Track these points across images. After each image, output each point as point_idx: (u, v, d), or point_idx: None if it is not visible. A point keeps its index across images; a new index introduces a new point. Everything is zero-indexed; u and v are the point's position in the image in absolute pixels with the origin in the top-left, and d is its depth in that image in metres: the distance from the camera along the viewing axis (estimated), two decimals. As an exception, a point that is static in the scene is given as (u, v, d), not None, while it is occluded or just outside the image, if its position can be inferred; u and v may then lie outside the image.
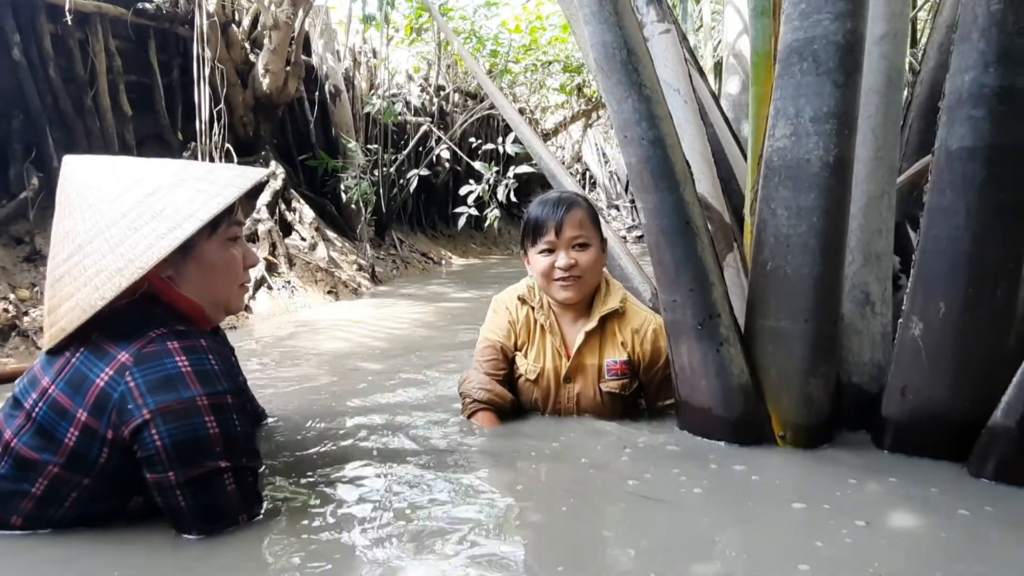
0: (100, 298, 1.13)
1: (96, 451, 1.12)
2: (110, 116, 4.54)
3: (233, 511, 1.16)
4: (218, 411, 1.13)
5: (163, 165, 1.26)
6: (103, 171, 1.23)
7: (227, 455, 1.13)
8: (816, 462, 1.51)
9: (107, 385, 1.11)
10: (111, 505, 1.18)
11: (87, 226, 1.18)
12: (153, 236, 1.15)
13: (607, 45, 1.52)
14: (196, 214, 1.17)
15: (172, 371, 1.11)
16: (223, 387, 1.15)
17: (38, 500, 1.14)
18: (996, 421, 1.37)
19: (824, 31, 1.40)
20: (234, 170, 1.28)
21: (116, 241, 1.15)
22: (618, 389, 1.76)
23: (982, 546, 1.14)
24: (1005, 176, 1.27)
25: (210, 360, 1.15)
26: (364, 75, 7.06)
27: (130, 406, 1.10)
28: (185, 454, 1.10)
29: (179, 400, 1.10)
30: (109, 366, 1.13)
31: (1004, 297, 1.36)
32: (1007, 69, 1.21)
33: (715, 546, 1.15)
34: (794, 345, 1.55)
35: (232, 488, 1.15)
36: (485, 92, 7.79)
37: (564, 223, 1.71)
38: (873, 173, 1.68)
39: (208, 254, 1.26)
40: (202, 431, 1.11)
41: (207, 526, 1.14)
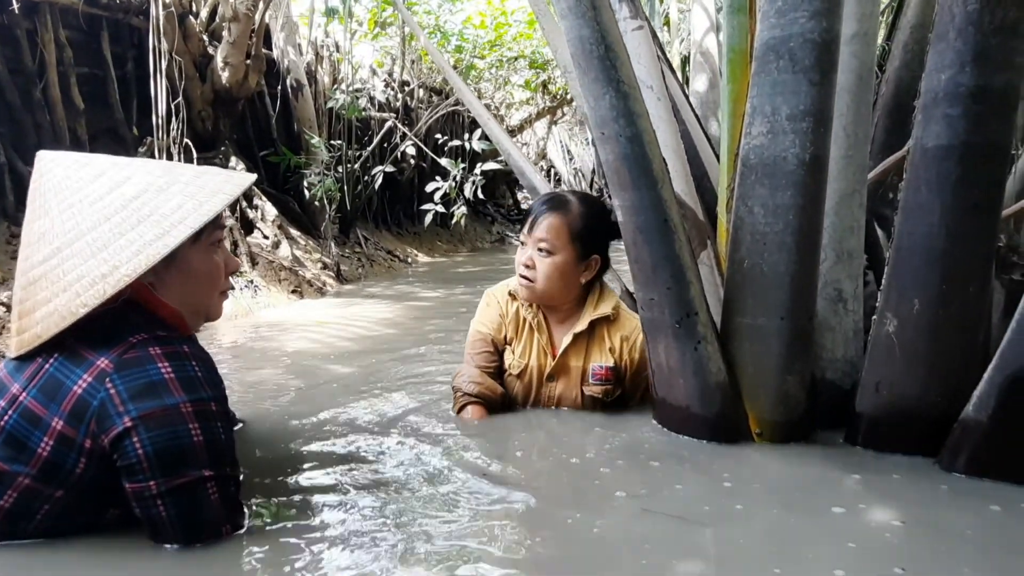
0: (82, 305, 1.08)
1: (72, 461, 1.07)
2: (61, 109, 4.36)
3: (216, 521, 1.11)
4: (202, 418, 1.09)
5: (147, 167, 1.21)
6: (83, 170, 1.17)
7: (211, 464, 1.09)
8: (791, 458, 1.51)
9: (85, 392, 1.07)
10: (85, 519, 1.12)
11: (66, 228, 1.12)
12: (140, 242, 1.10)
13: (584, 40, 1.50)
14: (185, 221, 1.13)
15: (155, 377, 1.07)
16: (207, 394, 1.11)
17: (7, 513, 1.08)
18: (968, 415, 1.40)
19: (801, 29, 1.40)
20: (222, 175, 1.24)
21: (99, 246, 1.10)
22: (600, 394, 1.76)
23: (952, 539, 1.16)
24: (979, 174, 1.29)
25: (193, 366, 1.11)
26: (327, 69, 6.92)
27: (111, 413, 1.05)
28: (168, 462, 1.06)
29: (163, 407, 1.06)
30: (87, 372, 1.08)
31: (976, 293, 1.38)
32: (983, 68, 1.22)
33: (692, 544, 1.14)
34: (771, 342, 1.55)
35: (215, 498, 1.10)
36: (451, 88, 7.72)
37: (538, 222, 1.71)
38: (844, 171, 1.69)
39: (192, 261, 1.22)
40: (186, 439, 1.07)
41: (189, 537, 1.09)
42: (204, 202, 1.15)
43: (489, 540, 1.16)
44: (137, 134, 4.91)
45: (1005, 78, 1.23)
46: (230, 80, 5.18)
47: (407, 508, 1.27)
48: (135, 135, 4.91)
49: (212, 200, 1.17)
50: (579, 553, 1.12)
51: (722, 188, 1.95)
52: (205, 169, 1.26)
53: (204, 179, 1.20)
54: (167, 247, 1.10)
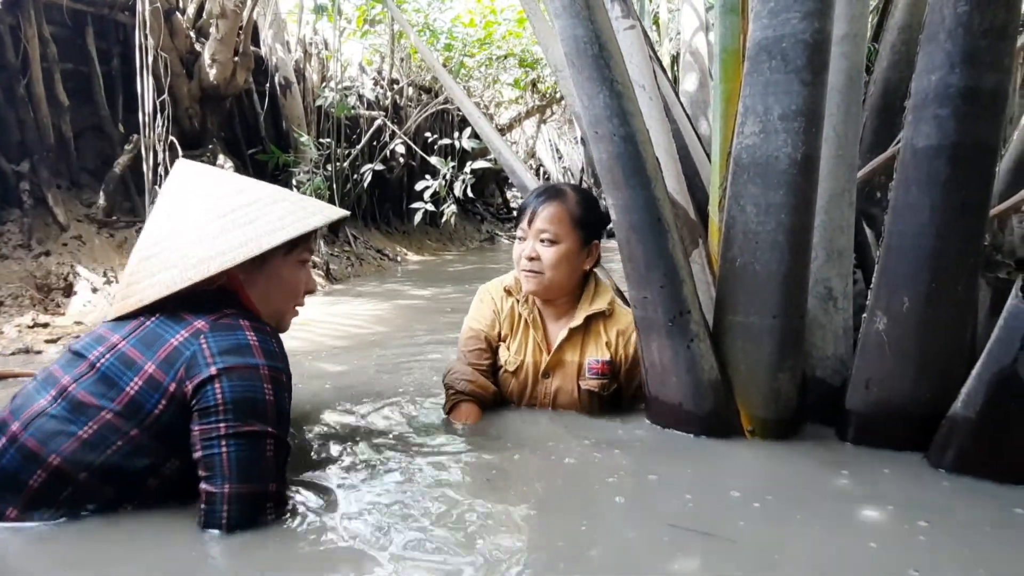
0: (186, 279, 1.24)
1: (154, 402, 1.18)
2: (45, 106, 4.30)
3: (267, 475, 1.19)
4: (276, 384, 1.22)
5: (260, 186, 1.40)
6: (210, 178, 1.39)
7: (275, 424, 1.21)
8: (790, 456, 1.53)
9: (180, 344, 1.21)
10: (149, 462, 1.20)
11: (184, 219, 1.30)
12: (244, 238, 1.27)
13: (578, 39, 1.51)
14: (285, 229, 1.29)
15: (242, 341, 1.21)
16: (282, 366, 1.25)
17: (82, 443, 1.17)
18: (956, 412, 1.41)
19: (793, 29, 1.41)
20: (321, 204, 1.42)
21: (210, 236, 1.27)
22: (597, 388, 1.76)
23: (972, 539, 1.17)
24: (968, 174, 1.31)
25: (273, 343, 1.26)
26: (315, 67, 6.88)
27: (200, 363, 1.18)
28: (242, 410, 1.18)
29: (245, 364, 1.19)
30: (185, 329, 1.22)
31: (964, 291, 1.40)
32: (972, 70, 1.24)
33: (688, 542, 1.15)
34: (763, 340, 1.56)
35: (271, 455, 1.20)
36: (440, 86, 7.71)
37: (537, 214, 1.70)
38: (835, 171, 1.71)
39: (280, 269, 1.38)
40: (260, 394, 1.19)
41: (240, 481, 1.16)
42: (304, 218, 1.33)
43: (490, 543, 1.15)
44: (123, 131, 4.86)
45: (994, 79, 1.25)
46: (218, 77, 5.13)
47: (406, 516, 1.25)
48: (121, 132, 4.86)
49: (312, 218, 1.34)
50: (597, 565, 1.10)
51: (714, 187, 1.96)
52: (307, 197, 1.45)
53: (307, 202, 1.39)
54: (269, 244, 1.26)
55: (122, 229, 4.57)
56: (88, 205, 4.59)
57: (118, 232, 4.54)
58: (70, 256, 4.06)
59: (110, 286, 3.89)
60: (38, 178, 4.26)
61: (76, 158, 4.66)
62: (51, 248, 4.05)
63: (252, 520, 1.16)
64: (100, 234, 4.42)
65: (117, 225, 4.57)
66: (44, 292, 3.71)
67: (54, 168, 4.43)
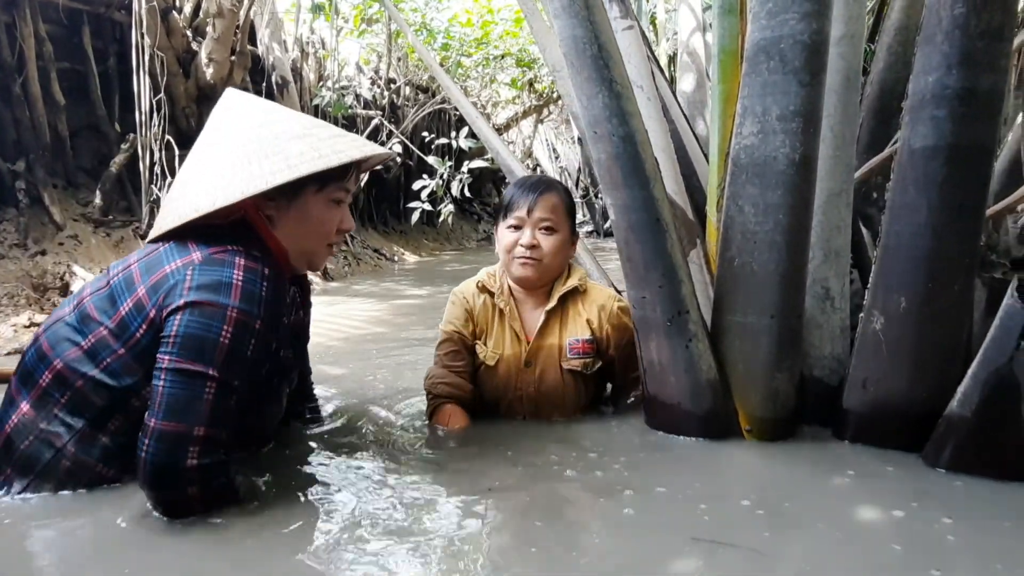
0: (194, 210, 1.25)
1: (136, 325, 1.22)
2: (41, 105, 4.30)
3: (196, 417, 1.15)
4: (239, 328, 1.19)
5: (297, 118, 1.39)
6: (247, 108, 1.39)
7: (222, 368, 1.17)
8: (788, 459, 1.53)
9: (171, 272, 1.22)
10: (131, 382, 1.24)
11: (214, 149, 1.32)
12: (259, 172, 1.26)
13: (577, 40, 1.51)
14: (304, 164, 1.26)
15: (225, 278, 1.20)
16: (258, 311, 1.21)
17: (82, 353, 1.24)
18: (952, 411, 1.42)
19: (791, 30, 1.42)
20: (358, 141, 1.39)
21: (227, 167, 1.27)
22: (580, 367, 1.74)
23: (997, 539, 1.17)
24: (965, 175, 1.32)
25: (263, 285, 1.22)
26: (312, 66, 6.87)
27: (177, 292, 1.19)
28: (188, 346, 1.16)
29: (214, 302, 1.18)
30: (182, 259, 1.24)
31: (961, 291, 1.41)
32: (969, 71, 1.25)
33: (715, 555, 1.13)
34: (760, 340, 1.57)
35: (209, 397, 1.17)
36: (437, 86, 7.71)
37: (537, 203, 1.71)
38: (832, 171, 1.71)
39: (310, 207, 1.35)
40: (214, 334, 1.17)
41: (165, 418, 1.15)
42: (329, 154, 1.29)
43: (486, 555, 1.16)
44: (120, 130, 4.86)
45: (990, 80, 1.26)
46: (214, 76, 5.13)
47: (410, 529, 1.25)
48: (117, 131, 4.85)
49: (336, 155, 1.29)
50: (574, 560, 1.10)
51: (711, 187, 1.96)
52: (344, 132, 1.40)
53: (339, 138, 1.35)
54: (274, 183, 1.24)
55: (118, 228, 4.57)
56: (84, 204, 4.58)
57: (114, 231, 4.53)
58: (66, 255, 4.05)
59: (107, 286, 3.89)
60: (34, 177, 4.25)
61: (72, 157, 4.65)
62: (47, 247, 4.05)
63: (171, 459, 1.13)
64: (96, 233, 4.41)
65: (113, 224, 4.56)
66: (40, 292, 3.70)
67: (50, 167, 4.42)
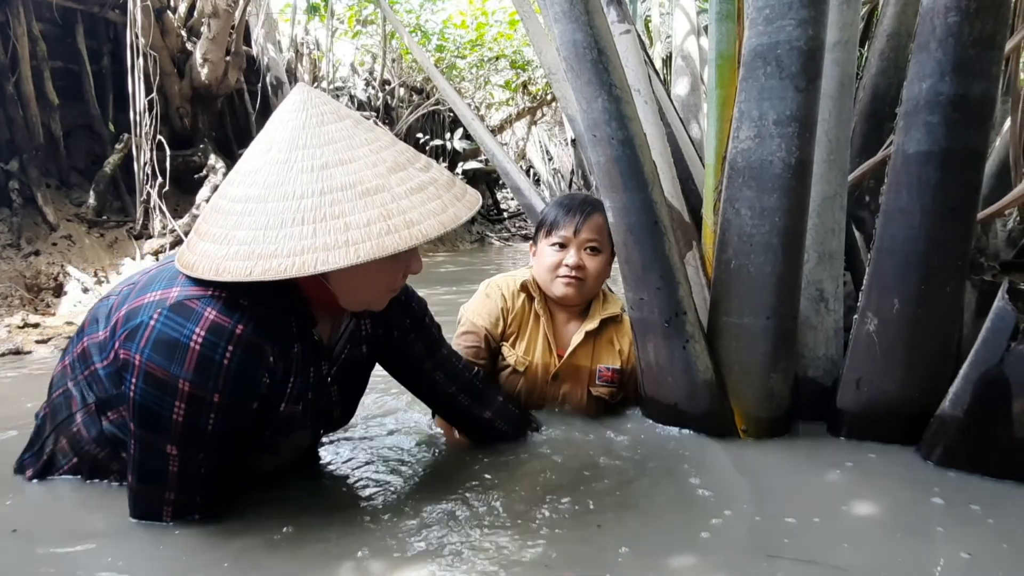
0: (226, 272, 1.07)
1: (108, 351, 1.18)
2: (34, 104, 4.28)
3: (165, 484, 1.14)
4: (195, 403, 1.09)
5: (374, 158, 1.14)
6: (320, 128, 1.14)
7: (181, 443, 1.11)
8: (779, 453, 1.56)
9: (144, 306, 1.12)
10: (113, 394, 1.20)
11: (269, 180, 1.11)
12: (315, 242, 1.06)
13: (577, 44, 1.53)
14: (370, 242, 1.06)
15: (184, 340, 1.07)
16: (215, 384, 1.08)
17: (98, 343, 1.21)
18: (944, 411, 1.45)
19: (788, 36, 1.44)
20: (438, 193, 1.16)
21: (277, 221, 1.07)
22: (607, 396, 1.77)
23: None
24: (957, 179, 1.34)
25: (227, 352, 1.08)
26: (307, 67, 6.87)
27: (135, 340, 1.10)
28: (144, 419, 1.11)
29: (165, 372, 1.08)
30: (163, 292, 1.12)
31: (952, 294, 1.44)
32: (962, 78, 1.28)
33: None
34: (756, 341, 1.59)
35: (174, 470, 1.13)
36: (431, 87, 7.71)
37: (585, 223, 1.70)
38: (826, 175, 1.74)
39: (369, 264, 1.12)
40: (166, 411, 1.09)
41: (137, 480, 1.15)
42: (400, 229, 1.08)
43: (500, 553, 1.17)
44: (113, 130, 4.84)
45: (982, 87, 1.28)
46: (209, 77, 5.12)
47: (397, 518, 1.26)
48: (111, 131, 4.84)
49: (408, 229, 1.08)
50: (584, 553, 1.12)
51: (708, 190, 1.99)
52: (428, 180, 1.16)
53: (415, 199, 1.12)
54: (327, 266, 1.04)
55: (112, 229, 4.55)
56: (78, 204, 4.56)
57: (108, 232, 4.51)
58: (60, 256, 4.03)
59: (101, 286, 3.87)
60: (27, 177, 4.23)
61: (66, 157, 4.63)
62: (40, 248, 4.03)
63: (148, 514, 1.16)
64: (90, 234, 4.39)
65: (107, 225, 4.55)
66: (34, 292, 3.69)
67: (43, 167, 4.41)
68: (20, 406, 1.96)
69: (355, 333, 1.39)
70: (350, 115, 1.19)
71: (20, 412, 1.83)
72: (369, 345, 1.43)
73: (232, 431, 1.15)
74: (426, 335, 1.51)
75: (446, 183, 1.19)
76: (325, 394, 1.33)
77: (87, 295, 3.66)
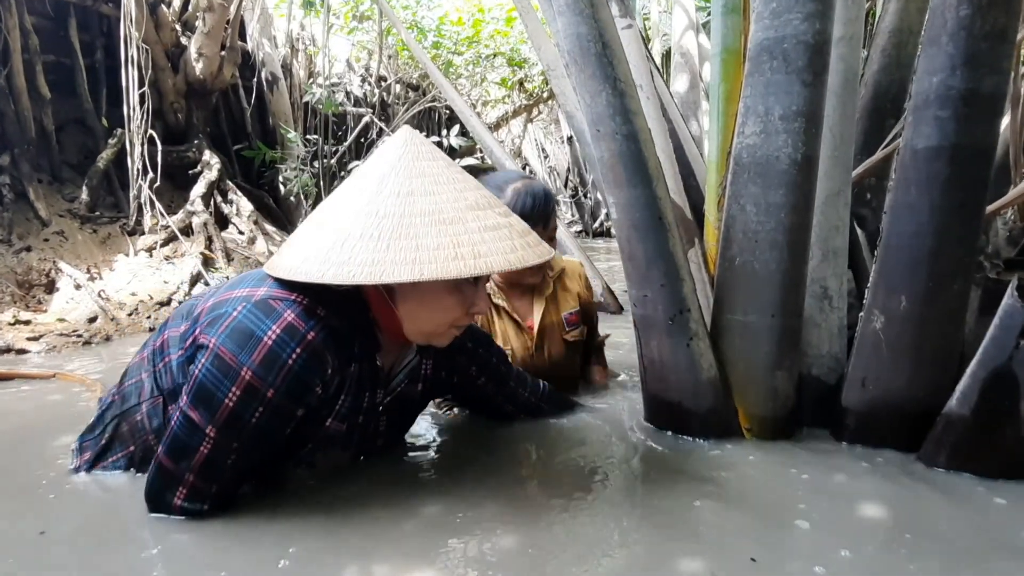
0: (301, 273, 1.15)
1: (187, 336, 1.24)
2: (26, 98, 4.23)
3: (188, 465, 1.16)
4: (249, 393, 1.13)
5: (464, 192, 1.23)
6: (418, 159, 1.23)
7: (221, 428, 1.14)
8: (784, 455, 1.54)
9: (231, 300, 1.19)
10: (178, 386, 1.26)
11: (351, 200, 1.20)
12: (389, 260, 1.12)
13: (581, 37, 1.50)
14: (433, 264, 1.12)
15: (259, 333, 1.14)
16: (274, 381, 1.13)
17: (178, 335, 1.28)
18: (951, 409, 1.43)
19: (794, 30, 1.42)
20: (511, 234, 1.22)
21: (361, 235, 1.15)
22: (578, 336, 1.96)
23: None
24: (967, 175, 1.33)
25: (294, 352, 1.14)
26: (303, 63, 6.82)
27: (216, 325, 1.16)
28: (199, 395, 1.15)
29: (233, 358, 1.13)
30: (250, 289, 1.20)
31: (960, 291, 1.42)
32: (973, 72, 1.26)
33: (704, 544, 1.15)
34: (761, 339, 1.58)
35: (204, 452, 1.15)
36: (428, 84, 7.67)
37: (550, 215, 1.85)
38: (831, 171, 1.72)
39: (438, 289, 1.23)
40: (220, 394, 1.13)
41: (166, 453, 1.17)
42: (465, 258, 1.13)
43: (497, 556, 1.15)
44: (107, 125, 4.79)
45: (993, 82, 1.27)
46: (204, 72, 5.07)
47: (402, 516, 1.24)
48: (104, 126, 4.79)
49: (475, 260, 1.14)
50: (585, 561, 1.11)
51: (710, 186, 1.97)
52: (503, 223, 1.23)
53: (488, 236, 1.18)
54: (391, 279, 1.11)
55: (105, 225, 4.50)
56: (70, 200, 4.51)
57: (101, 228, 4.46)
58: (52, 252, 3.98)
59: (94, 282, 3.83)
60: (19, 172, 4.18)
61: (58, 152, 4.58)
62: (32, 244, 3.98)
63: (161, 491, 1.17)
64: (83, 230, 4.34)
65: (100, 221, 4.50)
66: (25, 289, 3.64)
67: (35, 162, 4.35)
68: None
69: (415, 370, 1.46)
70: (444, 158, 1.29)
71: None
72: (424, 384, 1.51)
73: (269, 433, 1.18)
74: (495, 375, 1.63)
75: (521, 231, 1.26)
76: (374, 420, 1.39)
77: (79, 291, 3.61)
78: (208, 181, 4.95)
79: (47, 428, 1.76)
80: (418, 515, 1.22)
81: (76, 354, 2.88)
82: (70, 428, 1.59)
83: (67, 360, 2.75)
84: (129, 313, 3.55)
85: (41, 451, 1.57)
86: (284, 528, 1.17)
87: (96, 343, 3.07)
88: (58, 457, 1.49)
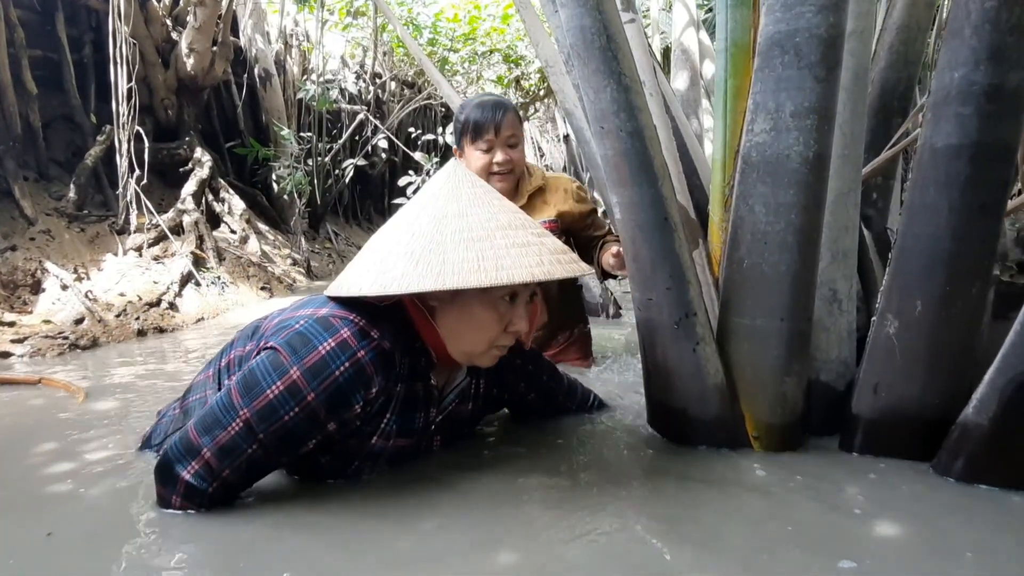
0: (345, 289, 1.26)
1: (252, 353, 1.31)
2: (11, 94, 4.14)
3: (212, 441, 1.19)
4: (291, 390, 1.18)
5: (495, 215, 1.29)
6: (454, 190, 1.32)
7: (255, 415, 1.18)
8: (791, 464, 1.49)
9: (295, 318, 1.26)
10: None
11: (406, 223, 1.29)
12: (416, 273, 1.19)
13: (585, 30, 1.44)
14: (454, 276, 1.17)
15: (315, 342, 1.20)
16: (317, 389, 1.18)
17: (241, 355, 1.37)
18: (967, 418, 1.38)
19: (807, 24, 1.37)
20: (539, 252, 1.26)
21: (397, 255, 1.23)
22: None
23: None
24: (989, 174, 1.27)
25: (343, 366, 1.19)
26: (296, 59, 6.74)
27: (277, 334, 1.23)
28: (245, 382, 1.20)
29: (287, 358, 1.19)
30: (314, 308, 1.27)
31: (978, 294, 1.37)
32: (998, 67, 1.20)
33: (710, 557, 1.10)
34: (770, 344, 1.52)
35: (231, 432, 1.18)
36: (424, 81, 7.61)
37: (502, 124, 1.94)
38: (840, 170, 1.67)
39: (474, 306, 1.28)
40: (264, 385, 1.18)
41: (197, 423, 1.21)
42: (488, 270, 1.18)
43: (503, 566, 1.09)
44: (95, 122, 4.70)
45: (1019, 77, 1.21)
46: (195, 67, 4.99)
47: (399, 518, 1.19)
48: (93, 122, 4.70)
49: (497, 272, 1.18)
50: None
51: (715, 186, 1.91)
52: (532, 240, 1.28)
53: (513, 252, 1.22)
54: (414, 288, 1.17)
55: (93, 223, 4.42)
56: (57, 198, 4.43)
57: (89, 227, 4.38)
58: (38, 251, 3.90)
59: (81, 283, 3.75)
60: (4, 170, 4.10)
61: (45, 149, 4.49)
62: (17, 243, 3.90)
63: (176, 459, 1.19)
64: (70, 228, 4.26)
65: (88, 219, 4.41)
66: (10, 289, 3.55)
67: (21, 159, 4.27)
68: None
69: (466, 390, 1.51)
70: (484, 186, 1.36)
71: None
72: (475, 403, 1.55)
73: (295, 437, 1.20)
74: (544, 391, 1.70)
75: (553, 249, 1.29)
76: (427, 439, 1.44)
77: (66, 292, 3.53)
78: (199, 179, 4.87)
79: (30, 434, 1.69)
80: (415, 530, 1.17)
81: (61, 360, 2.80)
82: (56, 435, 1.53)
83: (50, 366, 2.67)
84: (117, 314, 3.47)
85: (39, 452, 1.50)
86: (292, 540, 1.13)
87: (83, 345, 2.98)
88: (57, 461, 1.45)
